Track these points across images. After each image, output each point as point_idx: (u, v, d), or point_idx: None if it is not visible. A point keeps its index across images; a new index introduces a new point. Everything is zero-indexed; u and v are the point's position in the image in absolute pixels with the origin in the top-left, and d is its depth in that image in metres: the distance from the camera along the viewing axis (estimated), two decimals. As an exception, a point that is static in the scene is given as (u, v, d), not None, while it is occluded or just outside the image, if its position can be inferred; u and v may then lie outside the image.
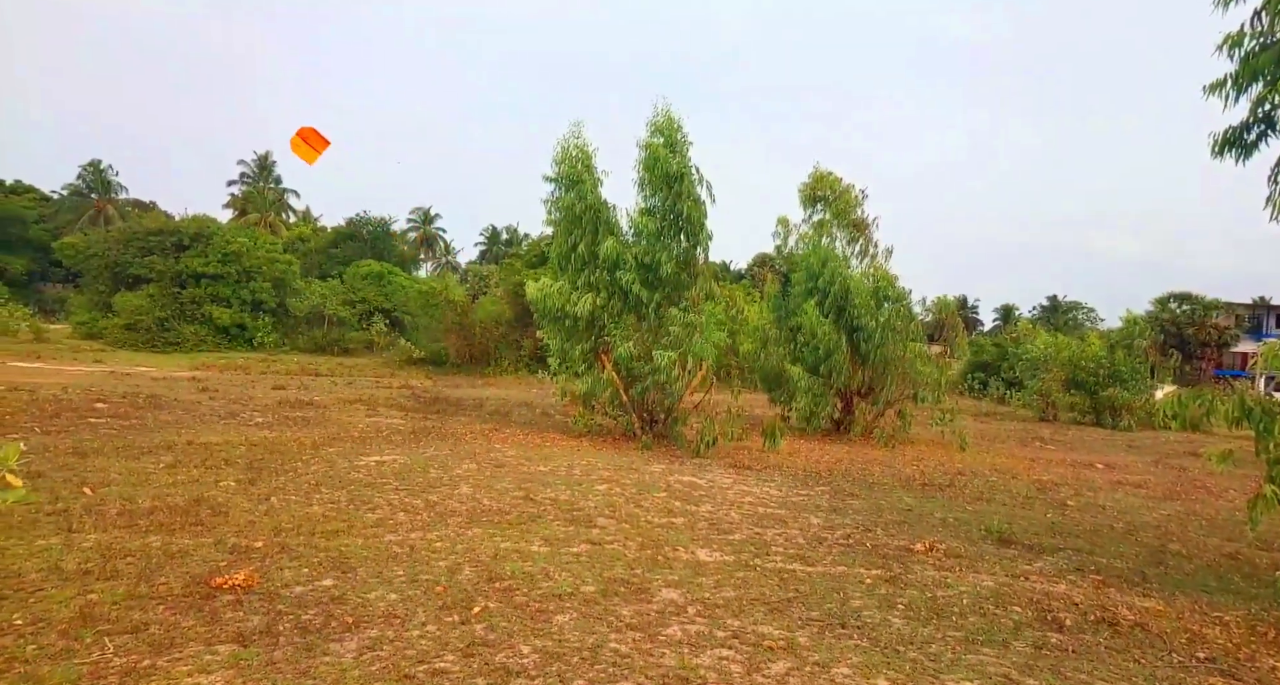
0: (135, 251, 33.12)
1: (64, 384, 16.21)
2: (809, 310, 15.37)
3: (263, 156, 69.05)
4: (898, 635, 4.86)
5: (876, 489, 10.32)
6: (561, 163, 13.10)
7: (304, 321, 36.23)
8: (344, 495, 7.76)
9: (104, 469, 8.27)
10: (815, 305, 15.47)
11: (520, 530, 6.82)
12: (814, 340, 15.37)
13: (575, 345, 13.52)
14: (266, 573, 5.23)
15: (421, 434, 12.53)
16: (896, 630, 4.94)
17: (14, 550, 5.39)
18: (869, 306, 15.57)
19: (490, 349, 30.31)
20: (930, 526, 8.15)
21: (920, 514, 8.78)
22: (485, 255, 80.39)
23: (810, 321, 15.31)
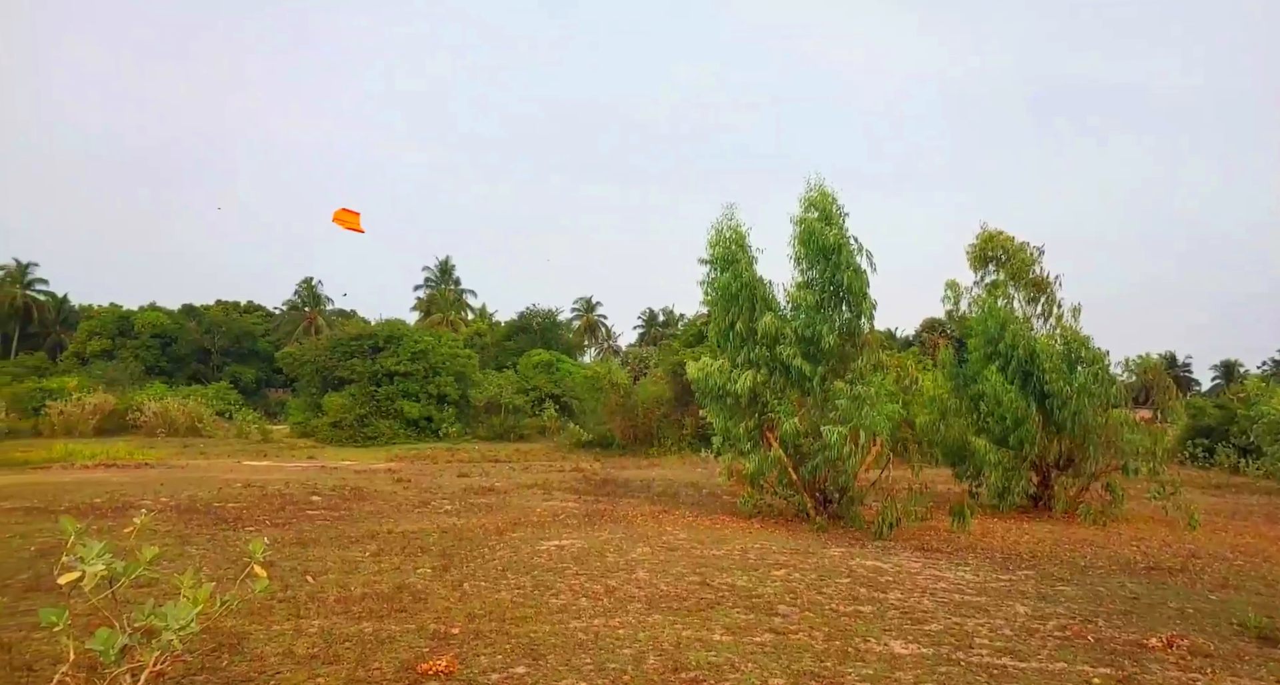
0: (339, 356, 37.23)
1: (285, 479, 18.17)
2: (991, 377, 14.37)
3: (443, 261, 76.42)
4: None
5: (1091, 573, 9.22)
6: (716, 245, 13.46)
7: (483, 411, 38.69)
8: (529, 580, 8.03)
9: (321, 558, 9.08)
10: (997, 371, 14.48)
11: (700, 618, 6.72)
12: (999, 409, 14.28)
13: (738, 423, 13.44)
14: (465, 659, 5.47)
15: (595, 517, 12.81)
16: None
17: (255, 635, 6.00)
18: (1060, 370, 14.31)
19: (653, 429, 30.81)
20: (1165, 618, 7.15)
21: (1150, 603, 7.73)
22: (644, 337, 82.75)
23: (993, 389, 14.28)
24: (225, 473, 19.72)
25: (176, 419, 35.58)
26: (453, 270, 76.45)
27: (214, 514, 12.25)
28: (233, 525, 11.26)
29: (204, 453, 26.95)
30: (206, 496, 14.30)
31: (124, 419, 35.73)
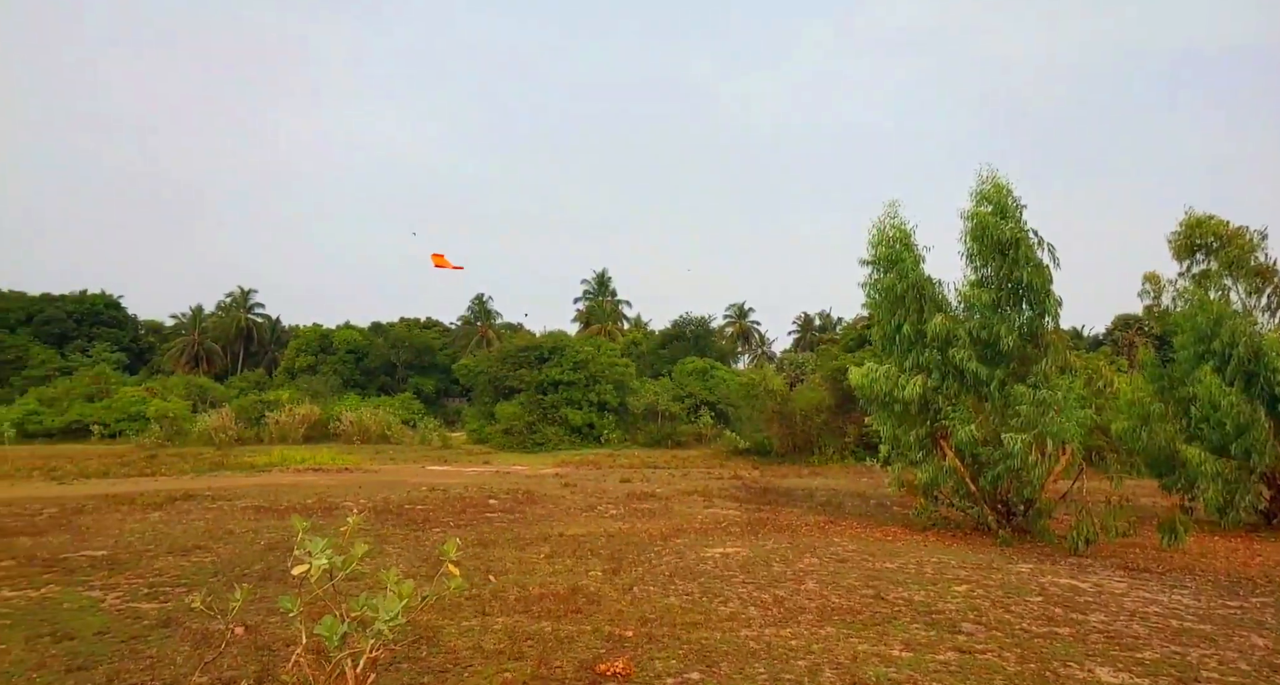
0: (509, 367, 39.44)
1: (465, 484, 19.48)
2: (1204, 378, 12.78)
3: (600, 274, 79.06)
4: None
5: None
6: (878, 244, 12.96)
7: (641, 417, 39.49)
8: (696, 587, 8.10)
9: (501, 558, 9.64)
10: (1213, 371, 12.85)
11: (876, 632, 6.49)
12: (1215, 414, 12.65)
13: (908, 431, 12.84)
14: (640, 662, 5.60)
15: (758, 526, 12.70)
16: None
17: (447, 629, 6.48)
18: (1295, 371, 12.49)
19: (813, 437, 30.04)
20: None
21: None
22: (799, 343, 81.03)
23: (1208, 391, 12.68)
24: (412, 477, 21.43)
25: (369, 427, 39.13)
26: (609, 282, 78.94)
27: (405, 515, 13.34)
28: (421, 526, 12.21)
29: (393, 458, 29.44)
30: (398, 499, 15.60)
31: (326, 427, 39.79)
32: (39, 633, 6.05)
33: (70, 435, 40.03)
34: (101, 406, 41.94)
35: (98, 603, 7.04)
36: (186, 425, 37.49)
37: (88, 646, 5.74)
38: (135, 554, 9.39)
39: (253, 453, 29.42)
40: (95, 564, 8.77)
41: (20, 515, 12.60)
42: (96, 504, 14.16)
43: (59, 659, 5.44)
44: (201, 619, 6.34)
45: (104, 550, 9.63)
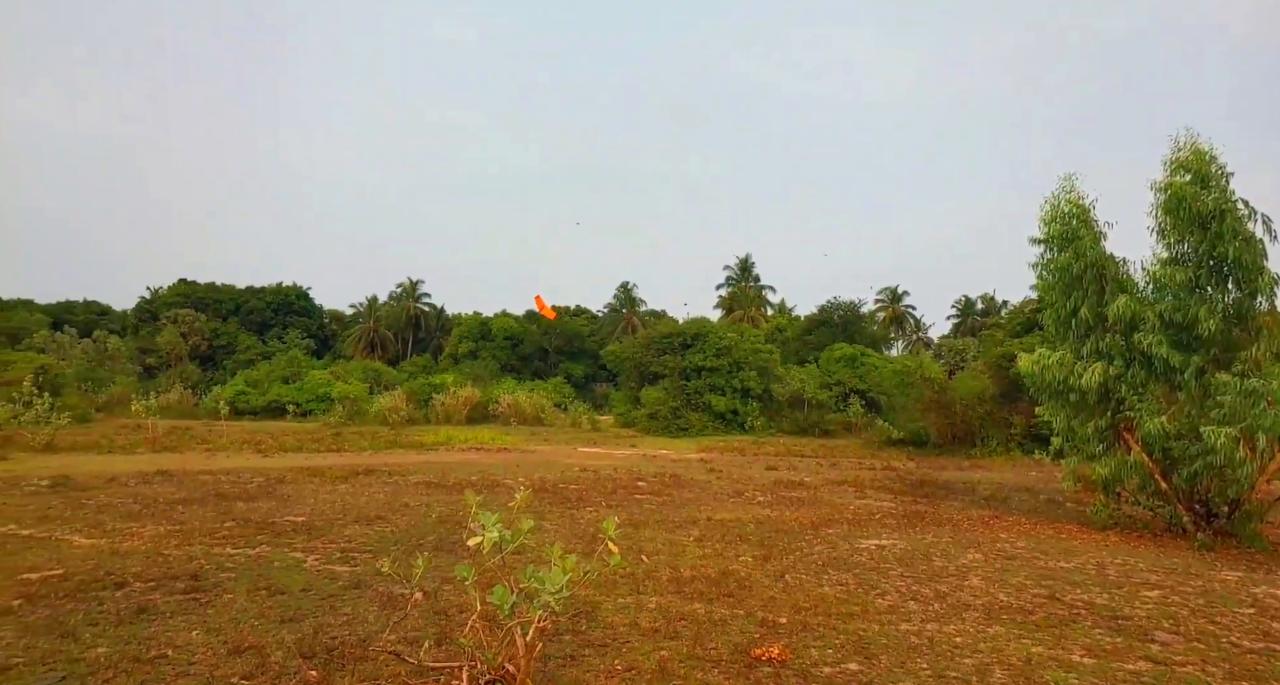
0: (653, 353, 40.07)
1: (614, 465, 20.05)
2: None
3: (743, 259, 78.45)
4: None
5: None
6: (1052, 221, 11.94)
7: (786, 405, 38.89)
8: (851, 578, 7.92)
9: (651, 539, 9.85)
10: None
11: (1052, 634, 6.07)
12: None
13: (1085, 422, 11.80)
14: (795, 649, 5.56)
15: (914, 518, 12.19)
16: None
17: (604, 605, 6.72)
18: None
19: (974, 427, 28.28)
20: None
21: None
22: (959, 328, 76.50)
23: None
24: (564, 457, 22.33)
25: (525, 410, 41.15)
26: (752, 267, 78.12)
27: (560, 494, 13.94)
28: (576, 504, 12.72)
29: (546, 439, 30.80)
30: (553, 478, 16.32)
31: (486, 409, 42.27)
32: (257, 586, 6.90)
33: (270, 413, 45.05)
34: (295, 388, 46.87)
35: (300, 563, 7.90)
36: (365, 406, 41.09)
37: (295, 601, 6.47)
38: (328, 521, 10.45)
39: (421, 432, 31.77)
40: (296, 528, 9.85)
41: (235, 483, 14.36)
42: (294, 475, 15.86)
43: (274, 610, 6.18)
44: (386, 583, 6.96)
45: (302, 517, 10.79)
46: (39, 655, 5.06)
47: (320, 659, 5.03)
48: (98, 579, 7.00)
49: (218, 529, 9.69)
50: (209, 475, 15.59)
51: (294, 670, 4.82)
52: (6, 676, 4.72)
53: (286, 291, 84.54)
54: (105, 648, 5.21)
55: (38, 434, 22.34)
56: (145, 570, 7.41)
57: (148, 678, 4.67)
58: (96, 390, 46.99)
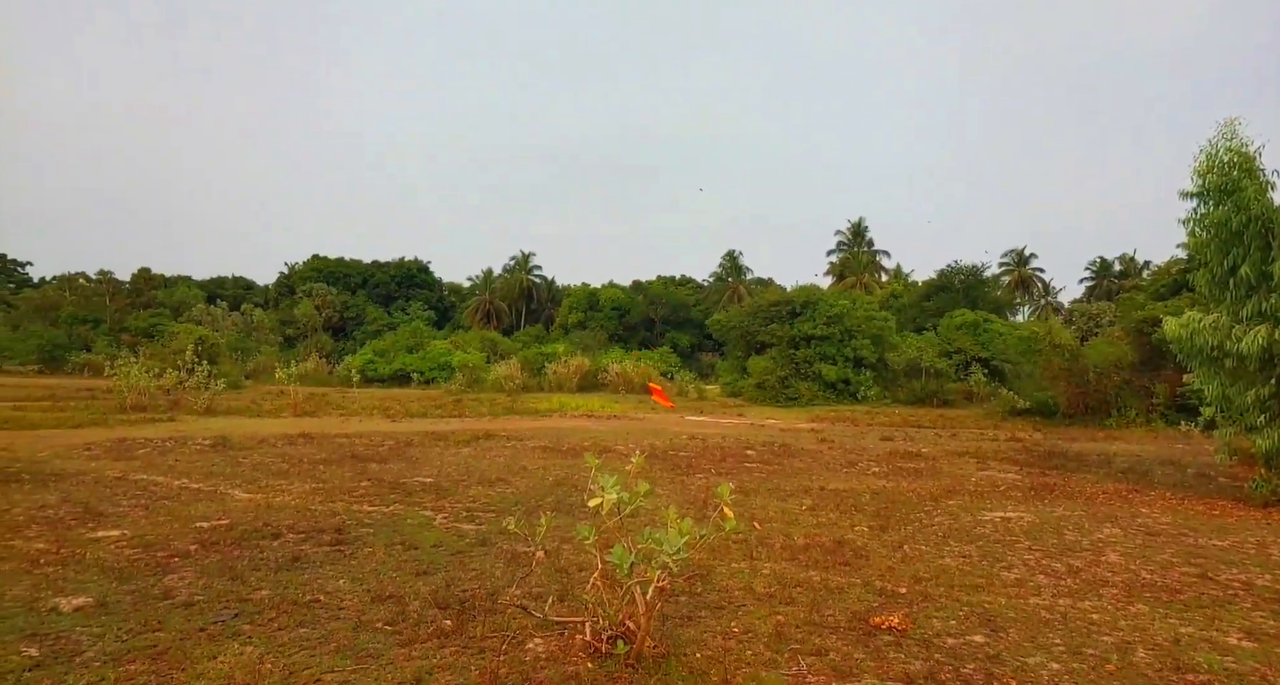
0: (760, 322, 39.56)
1: (722, 434, 20.06)
2: None
3: (855, 223, 75.77)
4: None
5: None
6: (1208, 172, 10.83)
7: (902, 374, 37.58)
8: (974, 550, 7.65)
9: (763, 507, 9.83)
10: None
11: (1204, 615, 5.66)
12: None
13: (1244, 391, 10.76)
14: (916, 619, 5.45)
15: (1043, 491, 11.57)
16: None
17: (719, 570, 6.79)
18: None
19: (1109, 397, 26.36)
20: None
21: None
22: (1093, 291, 71.21)
23: None
24: (672, 426, 22.53)
25: (633, 378, 41.76)
26: (865, 231, 75.39)
27: (670, 460, 14.11)
28: (685, 471, 12.85)
29: (654, 408, 31.16)
30: (662, 445, 16.53)
31: (595, 378, 43.22)
32: (393, 541, 7.41)
33: (396, 381, 47.89)
34: (418, 357, 49.53)
35: (430, 521, 8.41)
36: (482, 374, 42.94)
37: (428, 555, 6.91)
38: (454, 482, 11.04)
39: (535, 399, 32.88)
40: (425, 489, 10.48)
41: (369, 446, 15.39)
42: (420, 439, 16.82)
43: (409, 563, 6.62)
44: (510, 541, 7.31)
45: (430, 478, 11.45)
46: (215, 594, 5.66)
47: (453, 609, 5.36)
48: (256, 529, 7.73)
49: (355, 488, 10.45)
50: (345, 438, 16.78)
51: (430, 619, 5.16)
52: (191, 611, 5.32)
53: (408, 266, 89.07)
54: (268, 591, 5.76)
55: (199, 398, 24.74)
56: (296, 523, 8.11)
57: (305, 619, 5.13)
58: (245, 359, 51.54)
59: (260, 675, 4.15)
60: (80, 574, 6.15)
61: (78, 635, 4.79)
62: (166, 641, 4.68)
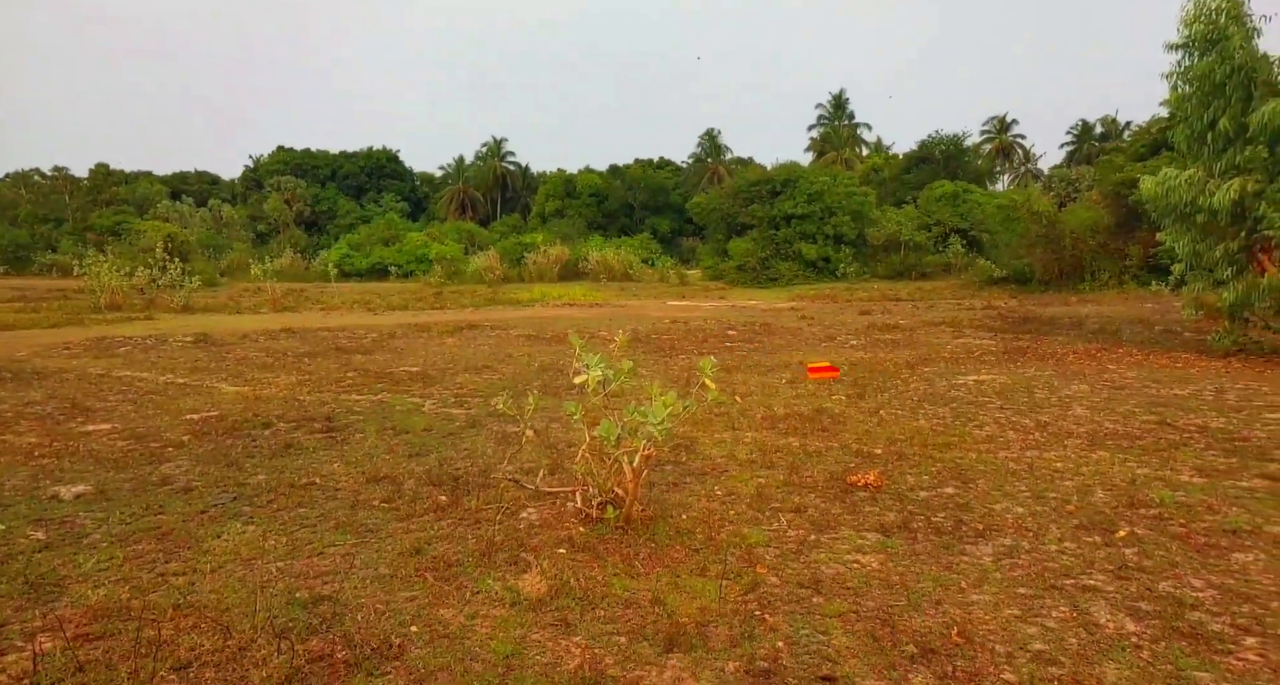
0: (741, 203, 38.94)
1: (703, 317, 20.25)
2: None
3: (836, 95, 73.43)
4: None
5: None
6: (1194, 21, 10.47)
7: (881, 249, 37.58)
8: (948, 412, 7.94)
9: (744, 382, 10.06)
10: None
11: (1159, 457, 5.99)
12: None
13: (1213, 246, 10.92)
14: (891, 476, 5.72)
15: (1016, 354, 11.91)
16: None
17: (703, 440, 7.02)
18: None
19: (1084, 262, 26.66)
20: None
21: None
22: (1074, 156, 70.30)
23: None
24: (654, 311, 22.68)
25: (613, 266, 41.59)
26: (846, 104, 73.07)
27: (653, 343, 14.29)
28: (668, 352, 13.04)
29: (635, 295, 31.22)
30: (645, 330, 16.68)
31: (576, 267, 42.97)
32: (384, 427, 7.56)
33: (373, 275, 47.38)
34: (394, 250, 48.80)
35: (419, 407, 8.56)
36: (461, 266, 42.55)
37: (419, 439, 7.08)
38: (440, 370, 11.17)
39: (517, 290, 32.77)
40: (412, 377, 10.60)
41: (352, 338, 15.41)
42: (403, 331, 16.85)
43: (401, 446, 6.80)
44: (500, 422, 7.48)
45: (416, 367, 11.56)
46: (212, 480, 5.82)
47: (447, 486, 5.55)
48: (247, 419, 7.85)
49: (342, 378, 10.55)
50: (327, 332, 16.77)
51: (425, 495, 5.36)
52: (191, 495, 5.47)
53: (377, 156, 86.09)
54: (264, 475, 5.92)
55: (176, 296, 24.48)
56: (285, 413, 8.23)
57: (303, 500, 5.31)
58: (218, 256, 50.49)
59: (265, 551, 4.34)
60: (76, 464, 6.27)
61: (81, 519, 4.94)
62: (169, 523, 4.84)
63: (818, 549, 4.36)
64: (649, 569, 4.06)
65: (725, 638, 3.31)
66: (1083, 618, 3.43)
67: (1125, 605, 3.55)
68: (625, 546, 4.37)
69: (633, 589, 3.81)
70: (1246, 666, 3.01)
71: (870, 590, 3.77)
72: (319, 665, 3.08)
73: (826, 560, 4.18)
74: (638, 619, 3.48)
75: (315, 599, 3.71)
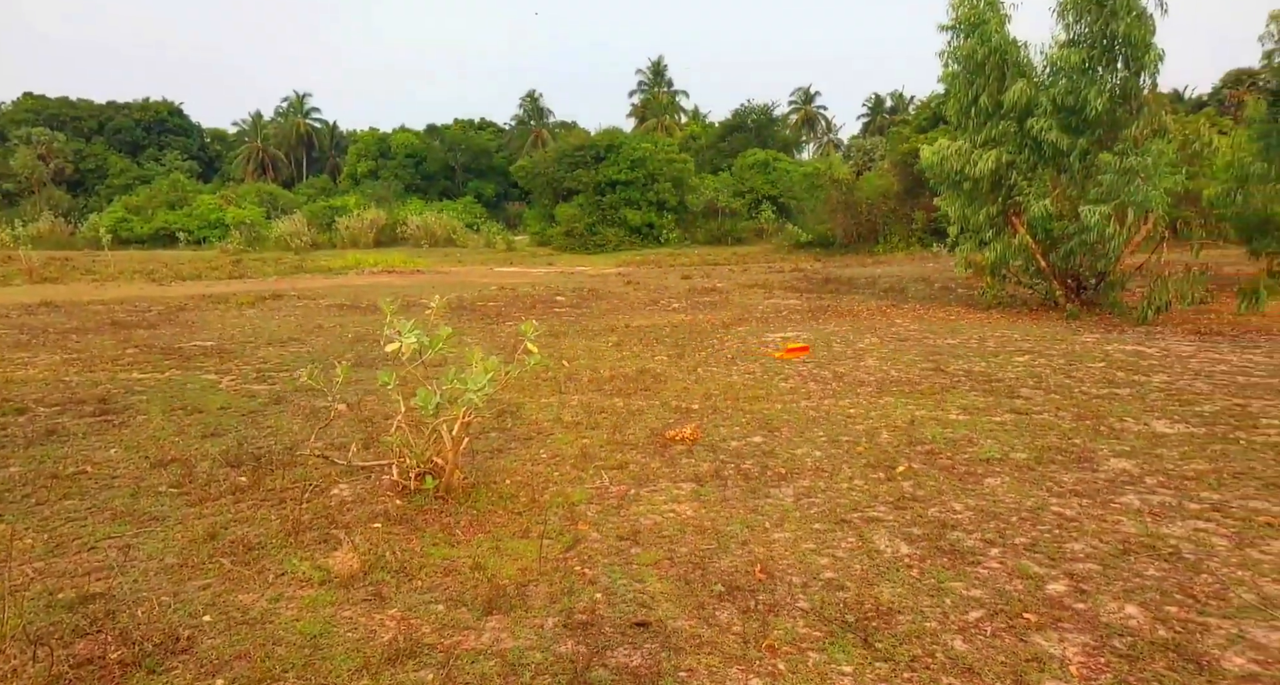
0: (565, 167, 38.67)
1: (531, 283, 20.06)
2: None
3: (655, 62, 74.11)
4: None
5: None
6: (959, 5, 11.65)
7: (701, 215, 38.96)
8: (758, 367, 8.46)
9: (571, 347, 10.13)
10: None
11: (934, 400, 6.76)
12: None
13: (978, 210, 12.36)
14: (706, 429, 6.03)
15: (819, 312, 12.88)
16: None
17: (528, 405, 7.00)
18: None
19: (878, 226, 29.27)
20: None
21: None
22: (869, 127, 76.12)
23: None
24: (480, 278, 22.15)
25: (435, 231, 40.00)
26: (665, 71, 74.11)
27: (479, 311, 13.98)
28: (495, 320, 12.82)
29: (460, 261, 30.28)
30: (470, 297, 16.27)
31: (394, 232, 40.86)
32: (172, 407, 6.84)
33: (158, 242, 42.31)
34: (184, 214, 43.78)
35: (215, 384, 7.83)
36: (263, 232, 39.03)
37: (215, 418, 6.49)
38: (239, 344, 10.25)
39: (328, 257, 30.65)
40: (206, 352, 9.65)
41: (132, 312, 13.73)
42: (195, 303, 15.26)
43: (193, 427, 6.19)
44: (308, 398, 7.02)
45: (211, 341, 10.54)
46: (-51, 483, 4.99)
47: (248, 466, 5.14)
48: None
49: (120, 356, 9.38)
50: (101, 305, 14.83)
51: (222, 478, 4.93)
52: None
53: (157, 108, 75.90)
54: (18, 467, 5.16)
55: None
56: (46, 396, 7.21)
57: (70, 492, 4.70)
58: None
59: (17, 552, 3.80)
60: None
61: None
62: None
63: (637, 503, 4.51)
64: (470, 535, 4.02)
65: (545, 595, 3.35)
66: (867, 546, 3.82)
67: (901, 531, 4.00)
68: (445, 516, 4.29)
69: (452, 557, 3.75)
70: (990, 573, 3.51)
71: (684, 537, 3.97)
72: (86, 670, 2.77)
73: (645, 512, 4.34)
74: (457, 586, 3.45)
75: (83, 598, 3.32)
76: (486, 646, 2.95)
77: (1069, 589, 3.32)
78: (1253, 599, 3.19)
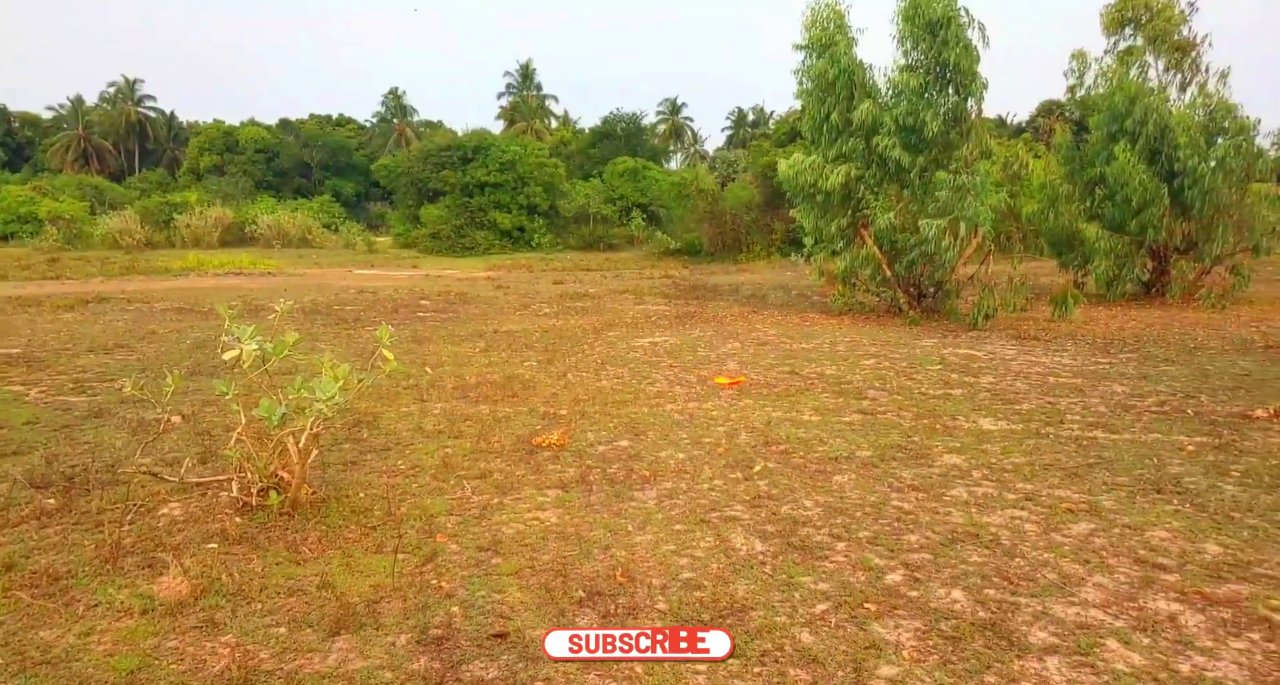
0: (431, 167, 37.45)
1: (395, 286, 19.30)
2: (1120, 155, 13.26)
3: (524, 65, 73.42)
4: (1231, 502, 4.43)
5: (1200, 354, 9.11)
6: (811, 27, 12.34)
7: (572, 221, 38.88)
8: (626, 372, 8.54)
9: (436, 353, 9.82)
10: (1126, 148, 13.35)
11: (789, 401, 7.07)
12: (1124, 190, 13.37)
13: (830, 222, 13.10)
14: (573, 435, 6.00)
15: (685, 318, 13.19)
16: (1230, 497, 4.52)
17: (387, 414, 6.71)
18: (1195, 144, 13.12)
19: (742, 235, 30.37)
20: (1277, 392, 7.06)
21: (1262, 379, 7.66)
22: (733, 140, 78.97)
23: (1120, 170, 13.25)
24: (338, 280, 21.08)
25: (289, 231, 37.63)
26: (534, 74, 73.66)
27: (335, 315, 13.29)
28: (352, 325, 12.24)
29: (317, 263, 28.69)
30: (326, 300, 15.44)
31: (243, 231, 38.09)
32: (-36, 426, 6.03)
33: (-46, 240, 37.30)
34: (-15, 209, 38.83)
35: (21, 396, 6.99)
36: (86, 228, 35.32)
37: (20, 434, 5.78)
38: (53, 352, 9.20)
39: (166, 257, 28.15)
40: (11, 361, 8.59)
41: (-82, 322, 12.02)
42: (0, 305, 13.56)
43: (-10, 447, 5.48)
44: (135, 409, 6.40)
45: (18, 348, 9.40)
46: None
47: (58, 487, 4.61)
48: None
49: (-99, 371, 8.18)
50: (-122, 314, 12.88)
51: (24, 501, 4.39)
52: None
53: (-52, 88, 66.88)
54: None
55: None
56: None
57: None
58: None
59: None
60: None
61: None
62: None
63: (500, 511, 4.42)
64: (318, 553, 3.79)
65: (398, 612, 3.21)
66: (723, 544, 3.93)
67: (756, 529, 4.14)
68: (291, 533, 4.02)
69: (297, 576, 3.52)
70: (836, 567, 3.70)
71: (547, 544, 3.93)
72: None
73: (508, 521, 4.26)
74: (301, 607, 3.24)
75: None
76: (332, 669, 2.79)
77: (904, 578, 3.55)
78: (1054, 578, 3.54)
